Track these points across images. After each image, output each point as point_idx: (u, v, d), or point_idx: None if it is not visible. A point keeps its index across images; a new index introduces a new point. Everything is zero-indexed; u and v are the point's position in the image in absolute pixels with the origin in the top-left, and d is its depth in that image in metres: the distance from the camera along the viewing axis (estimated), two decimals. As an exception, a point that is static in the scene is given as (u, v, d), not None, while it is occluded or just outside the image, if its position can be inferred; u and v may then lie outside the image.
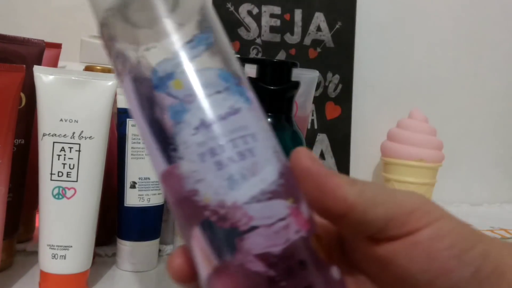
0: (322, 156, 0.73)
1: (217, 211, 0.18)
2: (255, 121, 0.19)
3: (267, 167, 0.19)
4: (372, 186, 0.19)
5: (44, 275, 0.36)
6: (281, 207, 0.18)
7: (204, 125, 0.18)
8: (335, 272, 0.18)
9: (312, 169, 0.18)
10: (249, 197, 0.18)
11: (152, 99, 0.19)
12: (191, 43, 0.19)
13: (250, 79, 0.41)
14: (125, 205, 0.41)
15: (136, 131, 0.41)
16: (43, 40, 0.42)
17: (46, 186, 0.35)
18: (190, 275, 0.19)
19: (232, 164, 0.18)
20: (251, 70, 0.41)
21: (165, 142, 0.19)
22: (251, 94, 0.20)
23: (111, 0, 0.20)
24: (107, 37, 0.21)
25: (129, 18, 0.20)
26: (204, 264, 0.18)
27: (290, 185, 0.19)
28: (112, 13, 0.21)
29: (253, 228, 0.18)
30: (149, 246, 0.43)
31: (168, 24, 0.20)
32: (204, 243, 0.18)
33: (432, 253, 0.18)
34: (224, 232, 0.18)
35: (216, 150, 0.18)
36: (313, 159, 0.19)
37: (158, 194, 0.42)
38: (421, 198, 0.19)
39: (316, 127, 0.73)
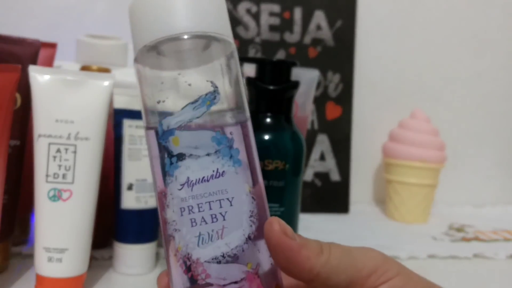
0: (322, 157, 0.73)
1: (184, 261, 0.21)
2: (237, 185, 0.21)
3: (235, 232, 0.21)
4: (338, 253, 0.22)
5: (40, 278, 0.35)
6: (237, 271, 0.21)
7: (188, 183, 0.21)
8: None
9: (283, 244, 0.21)
10: (211, 257, 0.21)
11: (159, 146, 0.22)
12: (195, 103, 0.21)
13: (249, 78, 0.40)
14: (121, 207, 0.41)
15: (133, 132, 0.41)
16: (38, 40, 0.42)
17: (41, 188, 0.35)
18: None
19: (203, 224, 0.21)
20: (250, 69, 0.40)
21: (162, 189, 0.22)
22: (243, 155, 0.22)
23: (146, 39, 0.22)
24: (137, 73, 0.24)
25: (153, 64, 0.23)
26: None
27: (253, 251, 0.21)
28: (142, 53, 0.22)
29: (208, 284, 0.21)
30: (146, 249, 0.42)
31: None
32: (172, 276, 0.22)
33: None
34: (188, 278, 0.21)
35: (194, 209, 0.21)
36: (284, 231, 0.21)
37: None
38: (380, 259, 0.22)
39: (316, 127, 0.73)
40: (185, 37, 0.21)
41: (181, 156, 0.21)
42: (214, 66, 0.22)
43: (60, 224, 0.35)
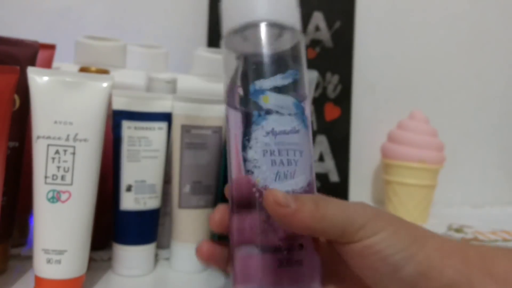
0: (321, 158, 0.73)
1: (260, 191, 0.27)
2: (305, 141, 0.27)
3: (302, 176, 0.27)
4: (333, 210, 0.25)
5: (38, 280, 0.35)
6: None
7: (273, 132, 0.27)
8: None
9: (278, 213, 0.25)
10: (284, 191, 0.26)
11: (247, 102, 0.27)
12: (284, 74, 0.27)
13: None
14: (120, 208, 0.41)
15: (132, 133, 0.41)
16: (37, 41, 0.42)
17: (40, 190, 0.35)
18: (224, 228, 0.30)
19: (281, 166, 0.26)
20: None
21: (244, 133, 0.27)
22: (309, 121, 0.28)
23: (234, 24, 0.28)
24: (229, 46, 0.29)
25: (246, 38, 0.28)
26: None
27: (311, 191, 0.27)
28: (233, 32, 0.28)
29: None
30: (146, 250, 0.42)
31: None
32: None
33: (365, 256, 0.25)
34: (260, 207, 0.27)
35: (275, 152, 0.26)
36: (277, 202, 0.25)
37: (155, 197, 0.42)
38: (369, 215, 0.26)
39: (315, 128, 0.73)
40: (263, 24, 0.27)
41: (269, 111, 0.27)
42: (297, 48, 0.29)
43: (59, 225, 0.35)
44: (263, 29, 0.27)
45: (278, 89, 0.27)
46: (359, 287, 0.27)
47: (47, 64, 0.48)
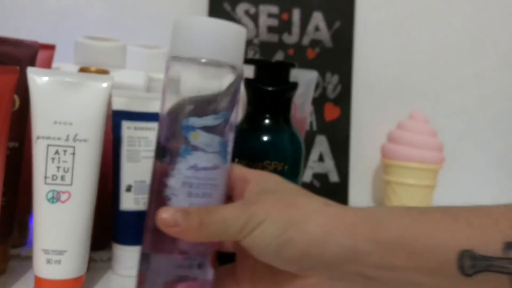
0: (321, 158, 0.73)
1: None
2: (223, 176, 0.30)
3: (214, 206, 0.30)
4: (212, 221, 0.27)
5: (38, 280, 0.35)
6: None
7: (195, 167, 0.29)
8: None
9: (167, 231, 0.27)
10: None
11: (176, 134, 0.29)
12: (216, 115, 0.29)
13: (248, 80, 0.40)
14: (120, 209, 0.41)
15: (132, 133, 0.41)
16: (37, 41, 0.42)
17: (40, 190, 0.35)
18: None
19: (196, 198, 0.29)
20: (249, 71, 0.40)
21: (170, 161, 0.29)
22: (229, 156, 0.30)
23: (176, 53, 0.29)
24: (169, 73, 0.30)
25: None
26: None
27: None
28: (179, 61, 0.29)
29: None
30: (146, 251, 0.42)
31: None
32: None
33: (252, 248, 0.28)
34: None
35: (193, 185, 0.29)
36: (165, 223, 0.27)
37: (155, 197, 0.42)
38: (240, 215, 0.28)
39: (315, 128, 0.73)
40: (203, 60, 0.29)
41: (195, 148, 0.29)
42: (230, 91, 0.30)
43: (59, 226, 0.35)
44: (201, 67, 0.29)
45: (208, 128, 0.29)
46: (268, 270, 0.30)
47: (47, 65, 0.48)
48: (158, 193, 0.30)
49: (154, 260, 0.31)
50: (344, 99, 0.74)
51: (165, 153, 0.30)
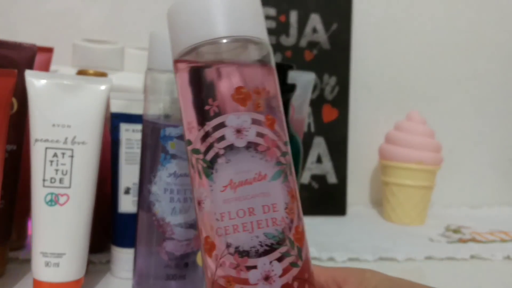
0: (319, 159, 0.73)
1: (158, 221, 0.34)
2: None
3: (192, 210, 0.32)
4: None
5: (37, 283, 0.35)
6: (192, 234, 0.34)
7: (175, 175, 0.32)
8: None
9: None
10: (177, 223, 0.33)
11: (156, 143, 0.32)
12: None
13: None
14: (119, 211, 0.41)
15: (130, 136, 0.41)
16: (34, 44, 0.42)
17: (38, 193, 0.35)
18: None
19: (178, 203, 0.32)
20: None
21: (151, 169, 0.32)
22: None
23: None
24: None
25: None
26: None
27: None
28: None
29: (171, 238, 0.34)
30: (145, 253, 0.42)
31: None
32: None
33: None
34: (157, 233, 0.35)
35: (174, 191, 0.32)
36: None
37: (153, 199, 0.42)
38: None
39: (313, 130, 0.73)
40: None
41: (174, 156, 0.31)
42: None
43: (57, 228, 0.35)
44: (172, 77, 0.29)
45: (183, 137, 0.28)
46: None
47: (45, 67, 0.48)
48: (143, 197, 0.33)
49: (143, 259, 0.34)
50: (341, 100, 0.74)
51: (145, 160, 0.32)
